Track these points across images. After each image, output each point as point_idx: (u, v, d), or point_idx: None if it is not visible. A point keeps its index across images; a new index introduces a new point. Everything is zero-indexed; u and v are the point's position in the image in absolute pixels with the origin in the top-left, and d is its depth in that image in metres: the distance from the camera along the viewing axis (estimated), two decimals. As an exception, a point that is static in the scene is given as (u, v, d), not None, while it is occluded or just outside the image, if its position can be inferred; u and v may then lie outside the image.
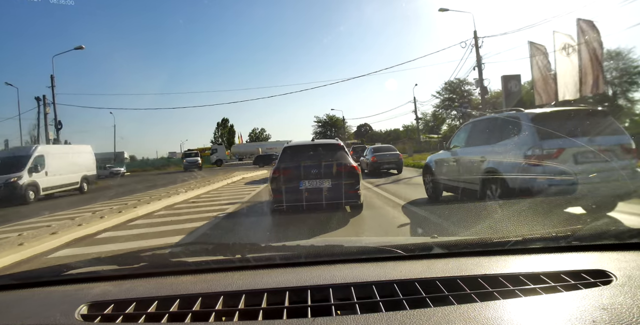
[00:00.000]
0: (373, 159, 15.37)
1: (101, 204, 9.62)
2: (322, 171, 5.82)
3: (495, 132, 5.65)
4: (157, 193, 11.03)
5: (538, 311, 0.78)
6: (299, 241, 1.51)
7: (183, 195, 9.99)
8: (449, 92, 47.52)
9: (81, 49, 21.26)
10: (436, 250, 1.18)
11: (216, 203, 8.81)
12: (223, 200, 9.21)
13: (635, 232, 1.18)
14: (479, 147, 5.92)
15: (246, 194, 10.50)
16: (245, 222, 6.57)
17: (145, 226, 6.44)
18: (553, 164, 4.59)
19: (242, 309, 0.86)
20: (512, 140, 5.14)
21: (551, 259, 1.09)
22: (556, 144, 4.63)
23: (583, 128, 4.78)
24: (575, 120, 4.94)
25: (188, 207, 8.40)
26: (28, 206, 12.32)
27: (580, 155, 4.62)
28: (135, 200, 9.30)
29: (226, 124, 65.19)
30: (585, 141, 4.65)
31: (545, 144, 4.65)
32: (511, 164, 4.97)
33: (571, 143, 4.61)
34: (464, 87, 44.98)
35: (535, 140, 4.72)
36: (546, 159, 4.62)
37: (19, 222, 7.80)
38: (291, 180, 5.84)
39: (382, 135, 61.10)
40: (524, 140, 4.89)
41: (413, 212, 6.28)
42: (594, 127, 4.83)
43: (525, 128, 4.93)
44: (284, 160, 6.19)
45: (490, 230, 3.94)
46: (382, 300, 0.86)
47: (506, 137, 5.31)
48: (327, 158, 6.09)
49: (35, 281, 1.12)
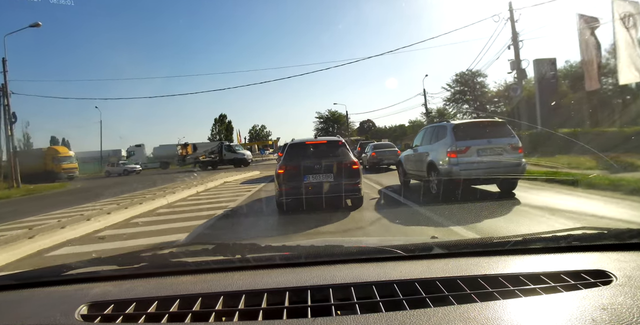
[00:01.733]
0: (373, 155, 16.31)
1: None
2: (325, 167, 6.27)
3: (434, 136, 8.05)
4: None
5: (538, 311, 0.78)
6: (299, 241, 1.51)
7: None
8: (460, 84, 43.75)
9: (37, 27, 19.64)
10: (436, 251, 1.18)
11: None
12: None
13: (635, 232, 1.18)
14: (426, 146, 8.27)
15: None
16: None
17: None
18: (463, 156, 6.96)
19: (242, 309, 0.87)
20: (441, 141, 7.55)
21: (551, 259, 1.10)
22: (465, 143, 7.01)
23: (485, 133, 7.23)
24: (481, 127, 7.52)
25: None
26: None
27: (481, 150, 7.01)
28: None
29: (224, 120, 62.28)
30: (485, 142, 7.08)
31: (459, 144, 7.03)
32: (441, 158, 7.35)
33: (475, 142, 7.03)
34: (476, 79, 41.59)
35: (453, 141, 7.11)
36: (459, 153, 6.99)
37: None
38: (296, 175, 6.28)
39: (388, 131, 57.85)
40: (447, 141, 7.27)
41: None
42: (493, 132, 7.26)
43: (448, 133, 7.33)
44: (289, 156, 6.63)
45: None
46: (382, 300, 0.86)
47: (440, 139, 7.68)
48: (329, 154, 6.53)
49: (35, 281, 1.12)
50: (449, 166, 7.04)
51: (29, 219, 8.06)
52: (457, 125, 7.50)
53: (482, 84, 42.29)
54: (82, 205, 9.71)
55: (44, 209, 9.57)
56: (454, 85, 43.90)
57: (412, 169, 9.01)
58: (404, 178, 9.66)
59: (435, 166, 7.40)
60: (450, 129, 7.33)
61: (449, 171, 7.01)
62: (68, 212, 8.69)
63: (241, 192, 10.68)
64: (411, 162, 9.05)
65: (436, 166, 7.38)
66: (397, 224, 5.33)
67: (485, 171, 6.88)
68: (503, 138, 7.14)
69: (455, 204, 6.25)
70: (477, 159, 6.92)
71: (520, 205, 6.12)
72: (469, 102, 43.39)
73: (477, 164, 6.92)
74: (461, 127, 7.43)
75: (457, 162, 6.95)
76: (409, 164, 9.24)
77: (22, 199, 15.76)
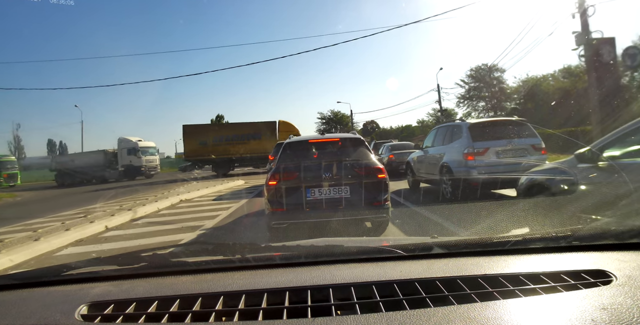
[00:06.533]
0: (391, 157, 13.21)
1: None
2: (337, 176, 4.38)
3: (448, 136, 7.54)
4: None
5: (538, 311, 0.78)
6: (299, 241, 1.51)
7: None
8: (475, 80, 39.90)
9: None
10: (436, 251, 1.18)
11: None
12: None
13: (635, 232, 1.18)
14: (439, 147, 7.74)
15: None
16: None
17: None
18: (482, 159, 6.43)
19: (242, 309, 0.87)
20: (457, 142, 7.05)
21: (551, 259, 1.10)
22: (484, 144, 6.56)
23: (505, 133, 6.72)
24: (499, 127, 6.94)
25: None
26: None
27: (500, 152, 6.52)
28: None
29: (220, 121, 61.27)
30: (505, 142, 6.57)
31: (476, 145, 6.58)
32: (456, 159, 6.86)
33: (494, 143, 6.56)
34: (492, 74, 37.95)
35: (470, 142, 6.64)
36: (477, 155, 6.49)
37: None
38: (294, 188, 4.39)
39: (394, 131, 55.40)
40: (463, 142, 6.78)
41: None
42: (513, 132, 6.71)
43: (465, 133, 6.84)
44: (284, 161, 4.69)
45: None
46: (382, 300, 0.86)
47: (455, 139, 7.19)
48: (343, 158, 4.63)
49: (35, 281, 1.12)
50: (465, 169, 6.53)
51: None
52: (473, 124, 6.96)
53: (499, 79, 38.53)
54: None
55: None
56: (468, 81, 40.26)
57: (422, 172, 8.49)
58: (412, 181, 9.12)
59: (450, 169, 6.89)
60: (467, 129, 6.79)
61: (465, 174, 6.49)
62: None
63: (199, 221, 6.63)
64: (421, 164, 8.51)
65: (451, 169, 6.87)
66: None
67: (505, 175, 6.16)
68: (524, 138, 6.62)
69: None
70: (497, 162, 6.38)
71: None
72: (484, 99, 40.05)
73: (497, 167, 6.32)
74: (478, 127, 6.88)
75: (474, 165, 6.45)
76: (418, 166, 8.68)
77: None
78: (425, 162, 8.25)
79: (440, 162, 7.28)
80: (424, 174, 8.37)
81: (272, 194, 4.45)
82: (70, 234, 5.89)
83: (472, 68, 40.03)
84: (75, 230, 6.05)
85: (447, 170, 7.02)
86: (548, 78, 32.91)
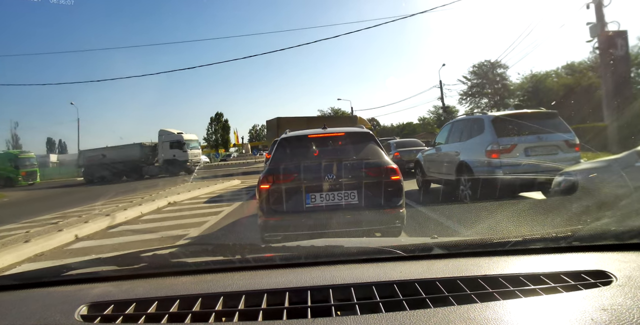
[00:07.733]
0: (397, 155, 12.60)
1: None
2: (342, 178, 3.71)
3: (466, 131, 6.78)
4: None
5: (538, 312, 0.78)
6: (299, 242, 1.51)
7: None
8: (478, 76, 39.18)
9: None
10: (436, 251, 1.18)
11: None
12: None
13: (636, 233, 1.18)
14: (454, 144, 6.98)
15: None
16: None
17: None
18: (508, 157, 5.71)
19: (242, 310, 0.87)
20: (477, 138, 6.29)
21: (551, 260, 1.09)
22: (510, 140, 5.80)
23: (534, 127, 5.89)
24: (527, 120, 6.04)
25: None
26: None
27: (529, 149, 5.77)
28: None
29: (220, 119, 57.85)
30: (534, 138, 5.80)
31: (502, 141, 5.82)
32: (477, 158, 6.14)
33: (522, 139, 5.79)
34: (495, 70, 37.45)
35: (494, 138, 5.89)
36: (502, 152, 5.76)
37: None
38: (292, 193, 3.76)
39: (395, 129, 54.47)
40: (486, 138, 6.03)
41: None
42: (544, 126, 5.89)
43: (487, 128, 6.08)
44: (280, 160, 3.99)
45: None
46: (382, 300, 0.86)
47: (475, 135, 6.42)
48: (349, 156, 3.97)
49: (35, 281, 1.12)
50: (489, 168, 5.77)
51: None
52: (497, 117, 6.15)
53: (502, 76, 38.11)
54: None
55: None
56: (471, 77, 39.76)
57: (434, 171, 7.76)
58: (422, 182, 8.40)
59: (470, 168, 6.12)
60: (490, 123, 6.02)
61: (489, 174, 5.72)
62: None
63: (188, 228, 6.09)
64: (433, 162, 7.78)
65: (471, 168, 6.10)
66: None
67: (535, 174, 5.47)
68: (556, 133, 5.83)
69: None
70: (526, 160, 5.62)
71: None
72: (487, 96, 39.53)
73: (526, 166, 5.57)
74: (503, 120, 6.03)
75: (500, 164, 5.70)
76: (429, 165, 7.97)
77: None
78: (438, 161, 7.52)
79: (457, 161, 6.52)
80: (436, 174, 7.65)
81: (264, 199, 3.77)
82: (29, 247, 4.99)
83: (475, 64, 39.70)
84: (36, 243, 5.16)
85: (465, 169, 6.25)
86: (551, 75, 32.98)
